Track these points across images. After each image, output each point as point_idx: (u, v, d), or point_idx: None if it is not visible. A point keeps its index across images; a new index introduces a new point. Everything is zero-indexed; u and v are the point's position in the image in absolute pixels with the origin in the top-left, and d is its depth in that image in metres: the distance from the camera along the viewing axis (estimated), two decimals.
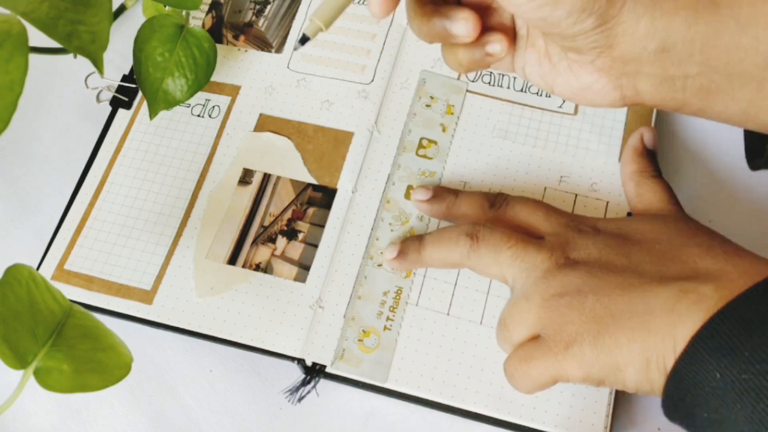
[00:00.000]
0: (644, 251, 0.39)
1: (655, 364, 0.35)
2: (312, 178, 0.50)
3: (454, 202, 0.47)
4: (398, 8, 0.55)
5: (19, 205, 0.54)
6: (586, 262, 0.39)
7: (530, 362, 0.38)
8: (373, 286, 0.46)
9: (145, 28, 0.50)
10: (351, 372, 0.44)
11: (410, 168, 0.50)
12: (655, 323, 0.35)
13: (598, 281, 0.38)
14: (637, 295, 0.37)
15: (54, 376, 0.36)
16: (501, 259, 0.41)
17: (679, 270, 0.37)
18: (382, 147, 0.51)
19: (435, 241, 0.45)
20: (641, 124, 0.51)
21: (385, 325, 0.45)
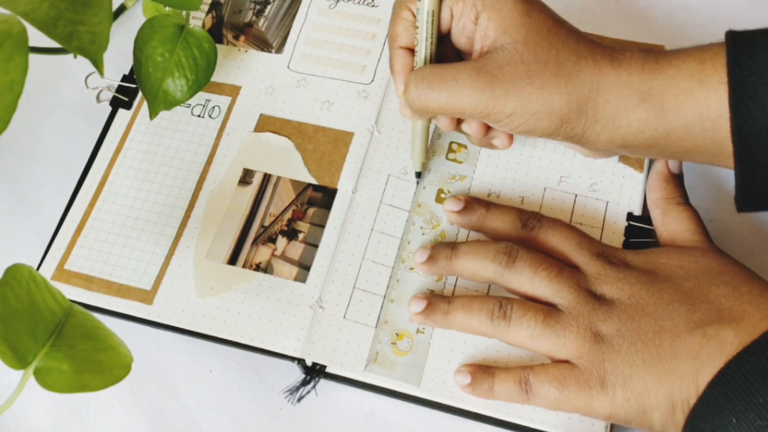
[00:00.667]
0: (673, 290, 0.40)
1: (680, 408, 0.37)
2: (312, 178, 0.50)
3: (485, 215, 0.47)
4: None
5: (19, 205, 0.54)
6: (620, 302, 0.41)
7: (564, 386, 0.40)
8: (405, 290, 0.46)
9: (145, 28, 0.50)
10: (385, 375, 0.44)
11: (440, 172, 0.50)
12: (681, 369, 0.37)
13: (635, 326, 0.40)
14: (666, 341, 0.39)
15: (54, 376, 0.36)
16: (536, 280, 0.42)
17: (705, 312, 0.39)
18: (382, 147, 0.51)
19: (470, 253, 0.45)
20: None
21: (417, 329, 0.45)
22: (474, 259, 0.44)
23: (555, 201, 0.49)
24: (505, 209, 0.47)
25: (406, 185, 0.50)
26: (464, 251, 0.45)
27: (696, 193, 0.50)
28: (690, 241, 0.44)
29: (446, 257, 0.45)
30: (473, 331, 0.44)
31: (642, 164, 0.49)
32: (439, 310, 0.44)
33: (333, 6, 0.56)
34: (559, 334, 0.41)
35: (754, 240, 0.49)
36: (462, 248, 0.45)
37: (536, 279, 0.42)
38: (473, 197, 0.48)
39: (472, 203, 0.47)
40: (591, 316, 0.40)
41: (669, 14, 0.57)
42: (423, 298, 0.45)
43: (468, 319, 0.43)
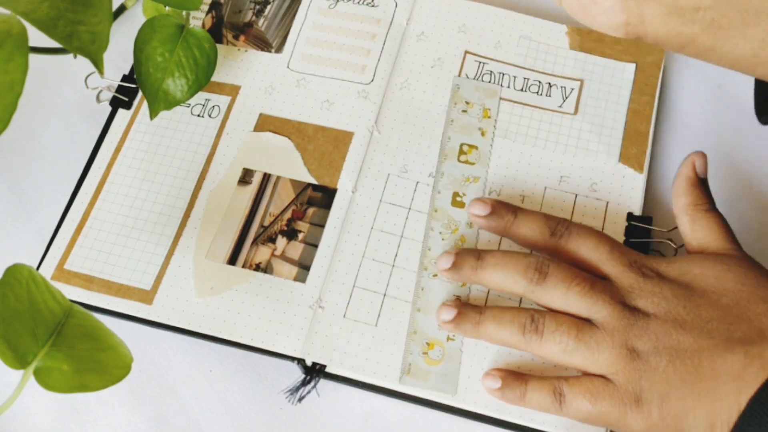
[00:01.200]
0: (711, 306, 0.40)
1: (719, 429, 0.36)
2: (312, 178, 0.50)
3: (513, 222, 0.45)
4: (397, 9, 0.55)
5: (19, 205, 0.54)
6: (657, 316, 0.40)
7: (598, 401, 0.39)
8: (431, 297, 0.46)
9: (145, 28, 0.50)
10: (419, 386, 0.43)
11: (453, 175, 0.49)
12: (722, 390, 0.37)
13: (672, 342, 0.39)
14: (706, 359, 0.38)
15: (54, 376, 0.36)
16: (569, 296, 0.41)
17: (745, 331, 0.38)
18: (382, 147, 0.51)
19: (498, 266, 0.43)
20: (641, 124, 0.51)
21: (447, 336, 0.45)
22: (502, 273, 0.43)
23: (555, 201, 0.49)
24: (533, 216, 0.45)
25: (406, 183, 0.50)
26: (491, 263, 0.44)
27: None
28: (721, 248, 0.43)
29: (472, 267, 0.44)
30: (504, 343, 0.43)
31: (642, 165, 0.49)
32: (469, 320, 0.43)
33: (333, 6, 0.56)
34: (593, 350, 0.40)
35: (755, 240, 0.49)
36: (488, 260, 0.44)
37: (569, 294, 0.41)
38: (500, 201, 0.47)
39: (498, 208, 0.46)
40: (627, 331, 0.39)
41: None
42: (453, 307, 0.44)
43: (499, 331, 0.42)
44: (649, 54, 0.53)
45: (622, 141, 0.50)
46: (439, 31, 0.55)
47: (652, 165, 0.51)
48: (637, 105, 0.51)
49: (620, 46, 0.53)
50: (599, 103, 0.52)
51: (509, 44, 0.54)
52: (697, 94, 0.53)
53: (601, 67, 0.53)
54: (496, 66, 0.53)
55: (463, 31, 0.55)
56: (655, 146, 0.51)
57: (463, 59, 0.54)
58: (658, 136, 0.52)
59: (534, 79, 0.53)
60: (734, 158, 0.51)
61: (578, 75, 0.53)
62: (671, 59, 0.55)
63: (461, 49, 0.54)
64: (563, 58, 0.53)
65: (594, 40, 0.54)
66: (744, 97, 0.53)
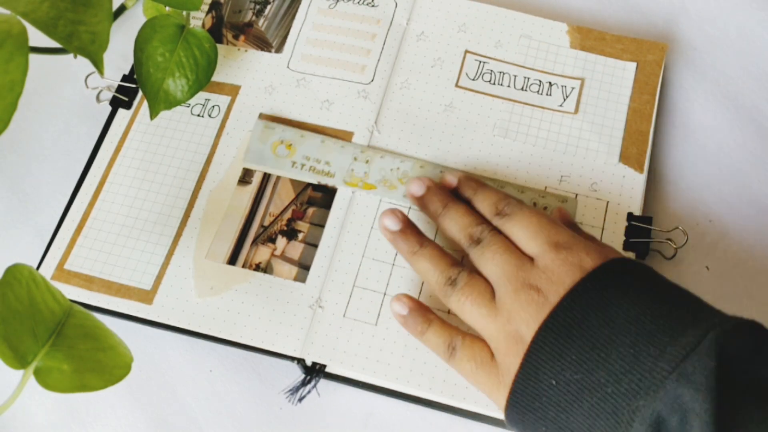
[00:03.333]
0: None
1: None
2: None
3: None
4: (397, 9, 0.55)
5: (19, 205, 0.54)
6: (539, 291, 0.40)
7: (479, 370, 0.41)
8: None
9: (146, 28, 0.50)
10: None
11: None
12: None
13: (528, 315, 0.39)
14: None
15: (54, 376, 0.36)
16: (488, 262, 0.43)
17: None
18: (382, 146, 0.51)
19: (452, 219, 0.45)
20: (641, 123, 0.51)
21: None
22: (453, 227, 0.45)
23: (555, 201, 0.49)
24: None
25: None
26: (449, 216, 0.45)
27: (697, 193, 0.50)
28: None
29: (435, 211, 0.46)
30: (426, 281, 0.45)
31: (642, 164, 0.49)
32: (408, 245, 0.45)
33: (333, 6, 0.56)
34: (484, 317, 0.41)
35: (755, 240, 0.49)
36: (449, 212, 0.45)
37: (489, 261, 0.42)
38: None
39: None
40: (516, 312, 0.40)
41: (669, 16, 0.57)
42: (400, 221, 0.46)
43: (429, 270, 0.44)
44: (650, 53, 0.53)
45: (623, 140, 0.50)
46: (439, 30, 0.55)
47: (652, 165, 0.51)
48: (637, 104, 0.51)
49: (621, 45, 0.53)
50: (600, 103, 0.52)
51: (509, 43, 0.54)
52: (697, 94, 0.53)
53: (602, 66, 0.53)
54: (497, 65, 0.53)
55: (463, 30, 0.55)
56: (656, 146, 0.51)
57: (463, 59, 0.54)
58: (659, 136, 0.52)
59: (534, 79, 0.53)
60: (735, 158, 0.51)
61: (579, 74, 0.53)
62: (672, 58, 0.55)
63: (461, 49, 0.54)
64: (564, 57, 0.53)
65: (595, 39, 0.54)
66: (744, 97, 0.53)
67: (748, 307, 0.47)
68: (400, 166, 0.49)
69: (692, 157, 0.51)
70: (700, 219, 0.49)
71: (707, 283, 0.47)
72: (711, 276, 0.48)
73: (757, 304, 0.47)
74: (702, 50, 0.55)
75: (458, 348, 0.42)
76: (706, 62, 0.54)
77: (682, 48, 0.55)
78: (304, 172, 0.49)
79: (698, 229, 0.49)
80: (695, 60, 0.55)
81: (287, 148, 0.49)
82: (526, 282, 0.40)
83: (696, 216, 0.49)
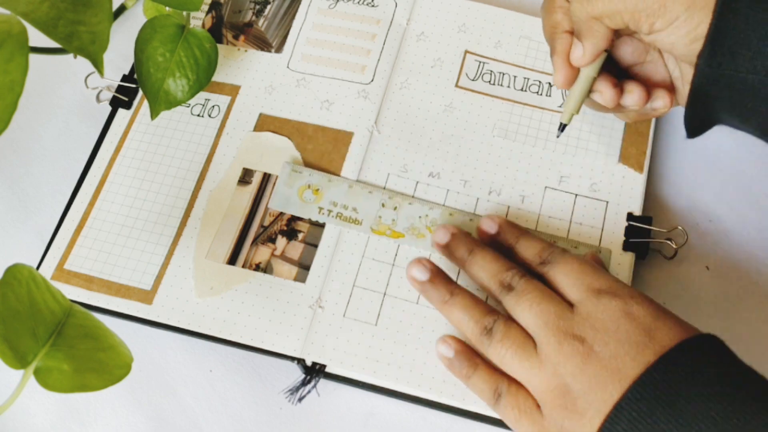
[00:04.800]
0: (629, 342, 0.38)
1: None
2: None
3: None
4: (397, 9, 0.55)
5: (19, 205, 0.54)
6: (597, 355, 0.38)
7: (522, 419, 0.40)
8: None
9: (146, 28, 0.50)
10: None
11: None
12: None
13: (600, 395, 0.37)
14: None
15: (54, 376, 0.36)
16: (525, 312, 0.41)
17: None
18: (381, 146, 0.51)
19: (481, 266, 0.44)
20: (641, 124, 0.51)
21: None
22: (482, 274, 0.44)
23: (555, 201, 0.49)
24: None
25: (405, 183, 0.50)
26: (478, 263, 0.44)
27: (697, 193, 0.50)
28: None
29: (461, 257, 0.45)
30: (461, 330, 0.43)
31: (642, 165, 0.49)
32: (439, 295, 0.44)
33: (333, 6, 0.56)
34: (527, 370, 0.40)
35: (755, 240, 0.49)
36: (476, 258, 0.44)
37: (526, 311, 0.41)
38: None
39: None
40: (560, 364, 0.39)
41: None
42: (427, 270, 0.45)
43: (462, 319, 0.43)
44: None
45: (622, 141, 0.50)
46: (439, 31, 0.55)
47: (652, 165, 0.51)
48: None
49: None
50: None
51: (509, 44, 0.54)
52: None
53: None
54: (496, 66, 0.53)
55: (463, 30, 0.55)
56: (655, 146, 0.51)
57: (463, 59, 0.54)
58: (658, 136, 0.52)
59: (534, 79, 0.53)
60: (735, 158, 0.51)
61: None
62: None
63: (461, 49, 0.54)
64: None
65: None
66: None
67: (748, 308, 0.47)
68: (428, 213, 0.48)
69: (692, 157, 0.51)
70: (700, 219, 0.49)
71: (707, 283, 0.47)
72: (711, 276, 0.48)
73: (757, 304, 0.47)
74: None
75: (504, 395, 0.41)
76: None
77: None
78: (331, 219, 0.48)
79: (698, 229, 0.49)
80: None
81: (314, 194, 0.49)
82: (569, 332, 0.39)
83: (696, 216, 0.49)
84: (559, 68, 0.43)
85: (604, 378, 0.37)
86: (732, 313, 0.47)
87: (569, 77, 0.43)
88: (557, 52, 0.43)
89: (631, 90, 0.43)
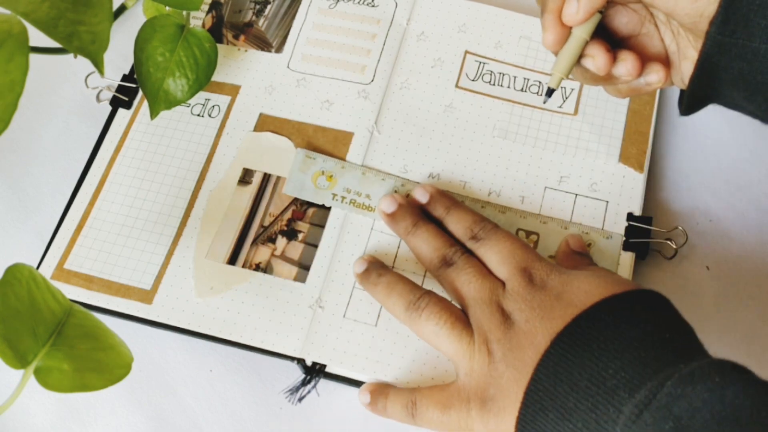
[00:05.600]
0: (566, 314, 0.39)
1: None
2: None
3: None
4: (397, 9, 0.55)
5: (19, 205, 0.54)
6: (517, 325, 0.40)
7: (447, 410, 0.41)
8: None
9: (146, 28, 0.50)
10: None
11: None
12: None
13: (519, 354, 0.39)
14: None
15: (54, 376, 0.36)
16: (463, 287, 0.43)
17: None
18: (382, 147, 0.51)
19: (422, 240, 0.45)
20: (641, 124, 0.51)
21: None
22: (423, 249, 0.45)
23: (555, 201, 0.49)
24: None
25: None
26: (420, 237, 0.46)
27: (697, 193, 0.50)
28: None
29: (405, 229, 0.46)
30: (390, 311, 0.45)
31: (642, 164, 0.49)
32: (370, 279, 0.46)
33: (333, 6, 0.56)
34: (461, 341, 0.41)
35: (755, 240, 0.49)
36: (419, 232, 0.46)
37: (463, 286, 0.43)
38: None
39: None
40: (489, 332, 0.41)
41: None
42: (364, 261, 0.47)
43: (388, 298, 0.44)
44: None
45: (622, 141, 0.50)
46: (439, 31, 0.55)
47: (652, 165, 0.51)
48: (637, 105, 0.51)
49: None
50: (599, 104, 0.52)
51: (509, 44, 0.54)
52: None
53: None
54: (496, 66, 0.53)
55: (463, 31, 0.55)
56: (655, 146, 0.51)
57: (463, 59, 0.54)
58: (658, 136, 0.52)
59: (534, 79, 0.53)
60: (735, 158, 0.51)
61: None
62: None
63: (461, 49, 0.54)
64: None
65: None
66: None
67: (748, 308, 0.47)
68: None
69: (692, 157, 0.51)
70: (700, 219, 0.49)
71: (707, 283, 0.47)
72: (711, 276, 0.48)
73: (757, 304, 0.47)
74: None
75: (417, 401, 0.42)
76: None
77: None
78: (345, 205, 0.48)
79: (698, 229, 0.49)
80: None
81: (328, 180, 0.49)
82: (499, 305, 0.41)
83: (696, 216, 0.49)
84: (550, 27, 0.40)
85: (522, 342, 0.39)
86: (732, 313, 0.47)
87: (560, 37, 0.40)
88: (549, 10, 0.40)
89: (625, 58, 0.40)
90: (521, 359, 0.39)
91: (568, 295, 0.40)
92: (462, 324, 0.42)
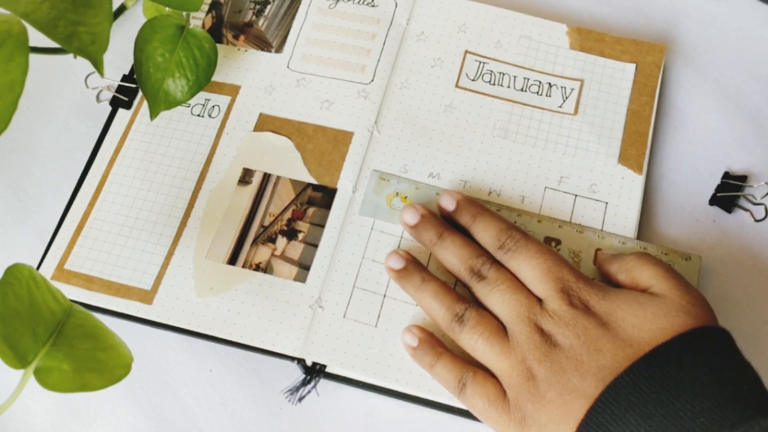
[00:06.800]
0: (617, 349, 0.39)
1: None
2: (312, 177, 0.50)
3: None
4: (397, 9, 0.55)
5: (19, 205, 0.54)
6: (561, 349, 0.40)
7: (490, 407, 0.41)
8: None
9: (146, 28, 0.50)
10: None
11: None
12: None
13: (563, 379, 0.39)
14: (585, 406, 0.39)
15: (54, 376, 0.36)
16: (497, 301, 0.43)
17: None
18: (382, 146, 0.51)
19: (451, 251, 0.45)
20: (641, 124, 0.51)
21: None
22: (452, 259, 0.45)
23: (555, 201, 0.49)
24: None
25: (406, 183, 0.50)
26: (447, 247, 0.45)
27: (696, 193, 0.50)
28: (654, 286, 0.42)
29: (430, 240, 0.46)
30: (432, 317, 0.44)
31: (641, 166, 0.49)
32: (412, 282, 0.45)
33: (333, 6, 0.56)
34: (497, 355, 0.41)
35: (755, 240, 0.49)
36: (446, 243, 0.45)
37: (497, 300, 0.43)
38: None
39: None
40: (530, 352, 0.40)
41: (669, 16, 0.57)
42: (402, 258, 0.46)
43: (434, 306, 0.44)
44: (649, 54, 0.53)
45: (622, 142, 0.50)
46: (439, 30, 0.55)
47: (651, 166, 0.51)
48: (636, 105, 0.51)
49: (620, 46, 0.53)
50: (599, 104, 0.52)
51: (509, 44, 0.54)
52: (697, 95, 0.53)
53: (601, 67, 0.53)
54: (496, 66, 0.53)
55: (463, 30, 0.55)
56: (655, 147, 0.51)
57: (463, 59, 0.54)
58: (658, 137, 0.52)
59: (534, 79, 0.53)
60: (735, 158, 0.51)
61: (578, 75, 0.53)
62: (672, 59, 0.55)
63: (461, 49, 0.54)
64: (563, 58, 0.53)
65: (594, 40, 0.54)
66: (744, 98, 0.53)
67: (748, 307, 0.47)
68: (516, 219, 0.48)
69: (692, 158, 0.51)
70: (703, 214, 0.49)
71: (707, 284, 0.47)
72: (711, 276, 0.48)
73: (757, 304, 0.47)
74: (702, 50, 0.55)
75: (469, 384, 0.42)
76: (706, 62, 0.55)
77: (682, 48, 0.55)
78: None
79: (698, 228, 0.49)
80: (695, 60, 0.55)
81: (402, 201, 0.49)
82: (538, 325, 0.41)
83: (698, 209, 0.49)
84: None
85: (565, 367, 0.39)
86: (732, 313, 0.47)
87: None
88: None
89: None
90: (565, 384, 0.39)
91: (614, 327, 0.40)
92: (501, 337, 0.42)
